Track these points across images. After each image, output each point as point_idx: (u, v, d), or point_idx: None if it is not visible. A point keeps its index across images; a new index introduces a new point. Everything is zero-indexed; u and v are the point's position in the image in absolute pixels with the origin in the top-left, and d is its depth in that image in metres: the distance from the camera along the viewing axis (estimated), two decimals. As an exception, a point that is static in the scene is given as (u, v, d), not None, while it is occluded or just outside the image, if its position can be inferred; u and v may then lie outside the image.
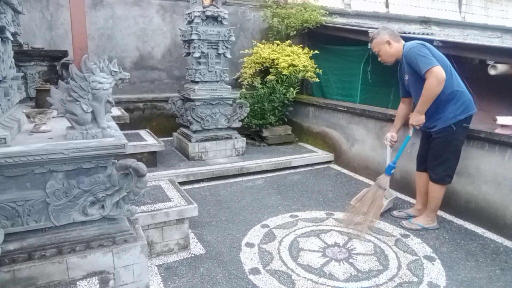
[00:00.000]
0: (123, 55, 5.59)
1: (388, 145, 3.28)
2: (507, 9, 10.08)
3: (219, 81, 4.78)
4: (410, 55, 2.82)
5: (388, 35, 3.00)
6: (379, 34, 3.03)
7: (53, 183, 1.89)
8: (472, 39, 4.65)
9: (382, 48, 3.02)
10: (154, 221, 2.54)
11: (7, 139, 1.76)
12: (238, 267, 2.51)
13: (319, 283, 2.35)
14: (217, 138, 4.76)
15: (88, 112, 1.95)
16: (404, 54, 2.92)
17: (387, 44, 3.00)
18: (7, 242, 1.85)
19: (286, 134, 5.56)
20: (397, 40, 3.01)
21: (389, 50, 3.01)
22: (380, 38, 3.01)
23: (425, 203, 3.19)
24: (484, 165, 3.09)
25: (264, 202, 3.62)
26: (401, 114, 3.27)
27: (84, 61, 1.93)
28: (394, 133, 3.25)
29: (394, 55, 3.01)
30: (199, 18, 4.45)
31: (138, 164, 2.00)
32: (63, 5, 5.09)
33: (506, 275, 2.48)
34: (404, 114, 3.26)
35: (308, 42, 6.20)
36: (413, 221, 3.15)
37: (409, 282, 2.37)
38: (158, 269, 2.47)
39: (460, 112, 2.84)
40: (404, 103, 3.26)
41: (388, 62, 3.08)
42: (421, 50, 2.78)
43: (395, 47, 2.99)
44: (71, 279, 1.94)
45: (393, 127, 3.31)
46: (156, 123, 5.70)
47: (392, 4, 8.35)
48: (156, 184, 3.05)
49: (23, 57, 3.32)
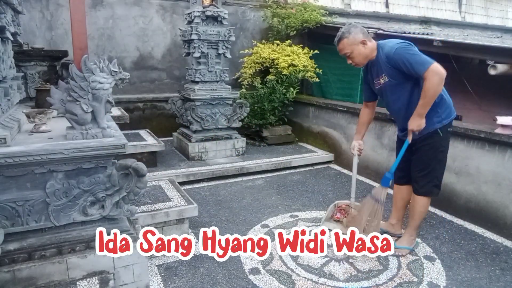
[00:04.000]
0: (123, 55, 5.59)
1: (356, 155, 2.94)
2: (507, 9, 10.08)
3: (219, 81, 4.78)
4: (398, 55, 2.43)
5: (361, 34, 2.57)
6: (351, 32, 2.57)
7: (53, 183, 1.89)
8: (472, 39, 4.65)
9: (355, 49, 2.58)
10: (154, 221, 2.54)
11: (7, 139, 1.76)
12: (238, 267, 2.51)
13: (319, 283, 2.35)
14: (217, 138, 4.76)
15: (88, 112, 1.95)
16: (386, 54, 2.51)
17: (361, 45, 2.57)
18: (7, 242, 1.86)
19: (286, 134, 5.56)
20: (370, 39, 2.61)
21: (363, 51, 2.58)
22: (352, 37, 2.56)
23: (400, 218, 2.97)
24: (484, 165, 3.09)
25: (264, 202, 3.62)
26: (366, 119, 2.95)
27: (84, 61, 1.93)
28: (360, 140, 2.93)
29: (368, 56, 2.61)
30: (199, 18, 4.45)
31: (138, 164, 2.00)
32: (63, 5, 5.09)
33: (506, 275, 2.48)
34: (369, 119, 2.96)
35: (308, 42, 6.19)
36: (398, 245, 2.76)
37: (409, 282, 2.37)
38: (158, 269, 2.46)
39: (445, 116, 2.58)
40: (368, 107, 2.94)
41: (360, 65, 2.67)
42: (410, 48, 2.44)
43: (369, 47, 2.58)
44: (71, 279, 1.94)
45: (357, 134, 2.97)
46: (156, 123, 5.70)
47: (392, 4, 8.36)
48: (156, 184, 3.05)
49: (23, 57, 3.31)
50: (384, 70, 2.57)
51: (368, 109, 2.95)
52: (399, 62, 2.44)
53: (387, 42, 2.58)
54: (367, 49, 2.59)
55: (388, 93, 2.64)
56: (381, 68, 2.58)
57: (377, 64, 2.62)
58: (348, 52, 2.61)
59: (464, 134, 3.20)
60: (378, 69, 2.63)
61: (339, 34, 2.62)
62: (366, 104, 2.95)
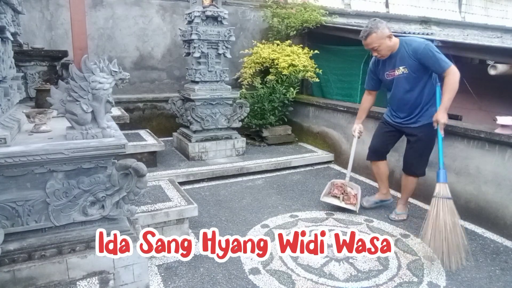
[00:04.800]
0: (123, 55, 5.59)
1: (356, 137, 3.39)
2: (507, 9, 10.08)
3: (219, 81, 4.78)
4: (426, 52, 2.79)
5: (387, 29, 2.91)
6: (379, 28, 2.87)
7: (53, 183, 1.89)
8: (472, 39, 4.65)
9: (383, 43, 2.90)
10: (154, 221, 2.54)
11: (7, 139, 1.76)
12: (238, 267, 2.51)
13: (319, 283, 2.35)
14: (217, 138, 4.76)
15: (88, 112, 1.95)
16: (415, 49, 2.84)
17: (388, 39, 2.90)
18: (7, 242, 1.85)
19: (286, 134, 5.56)
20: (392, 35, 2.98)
21: (389, 45, 2.92)
22: (381, 32, 2.87)
23: (387, 186, 3.46)
24: (484, 165, 3.09)
25: (264, 202, 3.62)
26: (367, 106, 3.39)
27: (84, 61, 1.93)
28: (361, 124, 3.39)
29: (392, 49, 2.95)
30: (199, 18, 4.45)
31: (138, 164, 2.00)
32: (63, 5, 5.09)
33: (506, 275, 2.48)
34: (370, 105, 3.41)
35: (308, 42, 6.19)
36: (398, 212, 3.28)
37: (409, 282, 2.37)
38: (158, 269, 2.46)
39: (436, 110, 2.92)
40: (371, 95, 3.37)
41: (384, 57, 3.00)
42: (435, 48, 2.82)
43: (394, 41, 2.94)
44: (71, 279, 1.94)
45: (358, 118, 3.42)
46: (156, 123, 5.70)
47: (392, 4, 8.36)
48: (156, 184, 3.05)
49: (23, 57, 3.32)
50: (406, 63, 2.90)
51: (370, 96, 3.38)
52: (426, 57, 2.79)
53: (414, 39, 2.97)
54: (392, 42, 2.93)
55: (403, 84, 2.98)
56: (403, 61, 2.92)
57: (397, 57, 2.95)
58: (376, 46, 2.91)
59: (464, 134, 3.20)
60: (396, 62, 2.96)
61: (366, 30, 2.91)
62: (369, 92, 3.37)
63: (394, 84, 3.04)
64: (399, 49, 2.93)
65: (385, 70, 3.07)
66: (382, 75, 3.11)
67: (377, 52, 2.97)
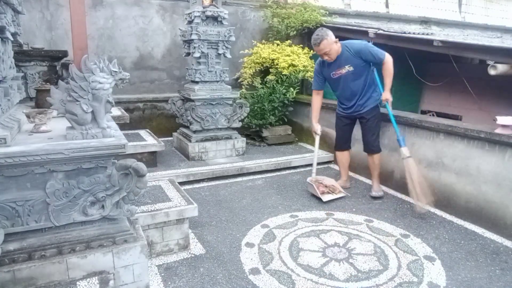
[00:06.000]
0: (123, 55, 5.59)
1: (318, 136, 3.81)
2: (507, 9, 10.07)
3: (219, 81, 4.78)
4: (367, 50, 3.42)
5: (333, 35, 3.41)
6: (328, 35, 3.38)
7: (53, 183, 1.89)
8: (472, 39, 4.65)
9: (332, 48, 3.41)
10: (154, 221, 2.54)
11: (7, 139, 1.76)
12: (238, 267, 2.51)
13: (319, 283, 2.35)
14: (217, 138, 4.76)
15: (88, 112, 1.95)
16: (357, 49, 3.43)
17: (335, 43, 3.42)
18: (7, 242, 1.85)
19: (286, 134, 5.56)
20: None
21: (337, 48, 3.44)
22: (330, 38, 3.38)
23: (348, 174, 4.00)
24: (484, 165, 3.09)
25: (264, 202, 3.62)
26: (319, 106, 3.85)
27: (84, 61, 1.93)
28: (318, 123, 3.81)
29: (338, 52, 3.46)
30: (199, 18, 4.45)
31: (138, 164, 2.00)
32: (63, 5, 5.09)
33: (506, 275, 2.48)
34: (320, 105, 3.87)
35: (308, 42, 6.14)
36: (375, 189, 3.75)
37: (409, 282, 2.37)
38: (158, 269, 2.47)
39: (377, 95, 3.62)
40: (319, 95, 3.83)
41: (333, 59, 3.47)
42: (372, 45, 3.48)
43: (338, 45, 3.46)
44: (71, 279, 1.94)
45: (315, 118, 3.83)
46: (156, 123, 5.70)
47: (392, 4, 8.35)
48: (156, 184, 3.05)
49: (23, 57, 3.31)
50: (351, 62, 3.46)
51: (319, 96, 3.84)
52: (368, 54, 3.42)
53: (353, 42, 3.56)
54: (338, 46, 3.46)
55: (349, 79, 3.54)
56: (348, 60, 3.47)
57: (342, 58, 3.48)
58: (327, 50, 3.41)
59: (464, 134, 3.20)
60: (342, 62, 3.49)
61: (318, 37, 3.39)
62: (317, 92, 3.83)
63: (342, 80, 3.57)
64: (343, 52, 3.46)
65: (330, 71, 3.58)
66: (328, 75, 3.62)
67: (328, 56, 3.45)
